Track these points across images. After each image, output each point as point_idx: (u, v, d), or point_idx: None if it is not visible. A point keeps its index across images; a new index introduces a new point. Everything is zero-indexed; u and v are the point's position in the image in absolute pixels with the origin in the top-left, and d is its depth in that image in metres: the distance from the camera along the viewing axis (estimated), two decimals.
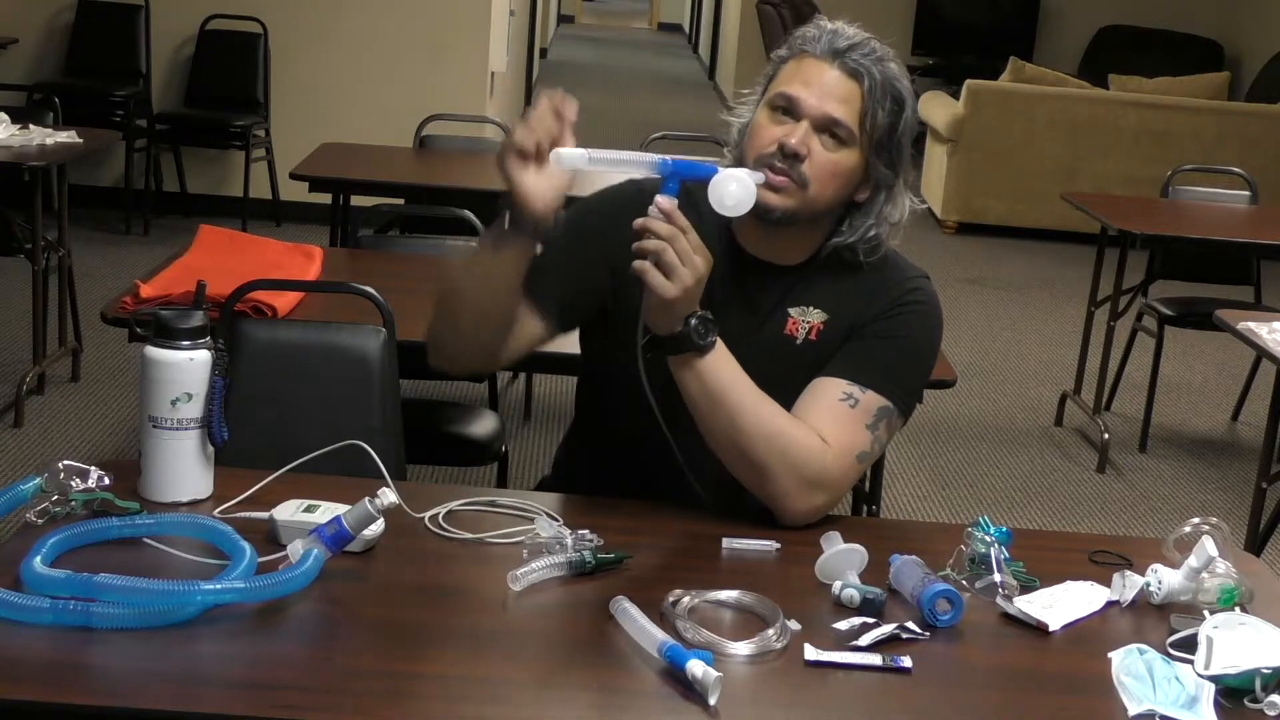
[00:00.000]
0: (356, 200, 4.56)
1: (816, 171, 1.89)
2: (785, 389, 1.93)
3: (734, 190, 1.78)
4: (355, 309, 2.60)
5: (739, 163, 1.95)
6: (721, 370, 1.86)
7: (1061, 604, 1.72)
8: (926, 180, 8.76)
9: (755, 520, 1.92)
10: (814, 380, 1.95)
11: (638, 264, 1.78)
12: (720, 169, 1.83)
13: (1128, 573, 1.78)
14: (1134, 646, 1.61)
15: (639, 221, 1.78)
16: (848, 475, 1.92)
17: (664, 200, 1.77)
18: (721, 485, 1.99)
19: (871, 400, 1.92)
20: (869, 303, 1.99)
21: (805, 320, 1.99)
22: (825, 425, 1.90)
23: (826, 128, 1.89)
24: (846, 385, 1.93)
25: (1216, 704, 1.52)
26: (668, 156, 1.80)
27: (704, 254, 1.80)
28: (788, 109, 1.90)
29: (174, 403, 1.78)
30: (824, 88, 1.90)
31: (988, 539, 1.76)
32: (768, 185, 1.87)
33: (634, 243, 1.78)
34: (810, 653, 1.57)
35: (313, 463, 1.87)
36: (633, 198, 1.93)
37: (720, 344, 1.86)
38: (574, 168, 1.76)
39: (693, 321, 1.83)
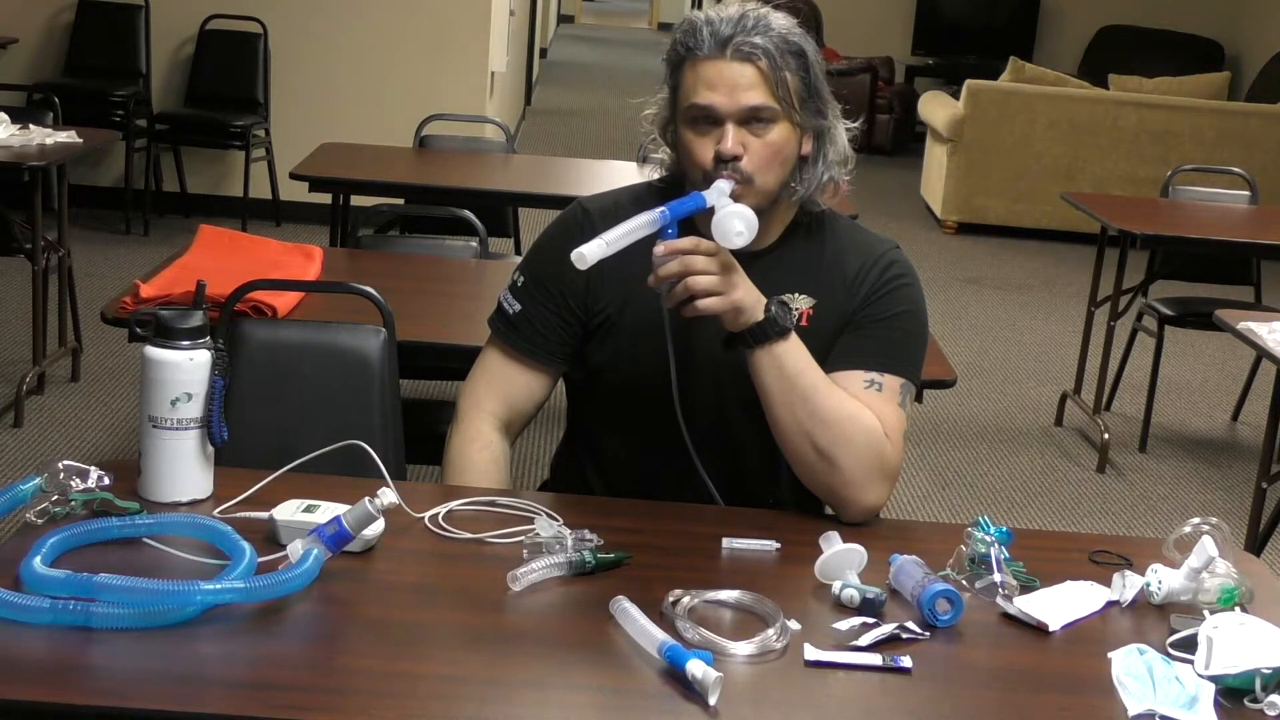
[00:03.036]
0: (356, 200, 4.56)
1: (756, 163, 1.93)
2: None
3: (738, 226, 1.85)
4: (355, 309, 2.60)
5: (678, 175, 2.03)
6: (799, 355, 1.92)
7: (1061, 604, 1.72)
8: (926, 180, 8.76)
9: (757, 519, 1.92)
10: (830, 375, 1.97)
11: (688, 310, 1.86)
12: (704, 196, 1.89)
13: (1128, 573, 1.78)
14: (1134, 646, 1.61)
15: (651, 280, 1.86)
16: (900, 456, 1.98)
17: (659, 248, 1.85)
18: (732, 490, 2.02)
19: (892, 381, 1.98)
20: (854, 288, 2.03)
21: (794, 308, 2.01)
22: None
23: (749, 118, 1.93)
24: (865, 374, 1.97)
25: (1216, 704, 1.52)
26: (661, 208, 1.86)
27: (720, 250, 1.85)
28: (706, 117, 1.94)
29: (174, 403, 1.78)
30: (728, 84, 1.92)
31: (988, 539, 1.76)
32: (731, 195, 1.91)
33: (659, 291, 1.86)
34: (810, 653, 1.57)
35: (313, 463, 1.87)
36: (575, 218, 2.04)
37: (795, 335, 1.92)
38: (598, 259, 1.82)
39: (773, 309, 1.89)
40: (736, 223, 1.84)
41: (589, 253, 1.80)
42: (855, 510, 1.94)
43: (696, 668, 1.46)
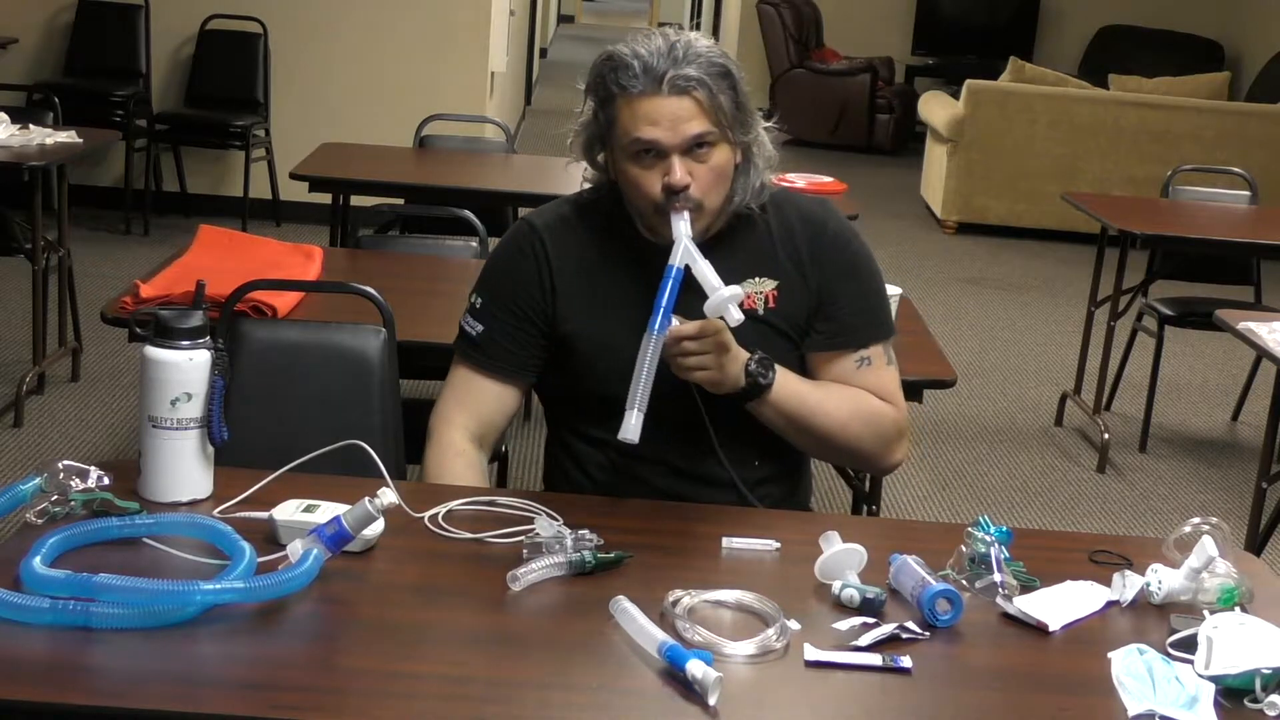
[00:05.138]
0: (356, 200, 4.56)
1: (704, 188, 1.99)
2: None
3: (735, 314, 1.91)
4: (355, 309, 2.60)
5: (607, 185, 2.09)
6: (790, 394, 2.02)
7: (1061, 604, 1.72)
8: (926, 180, 8.76)
9: (757, 519, 1.93)
10: (821, 367, 2.09)
11: (693, 381, 1.96)
12: (673, 267, 1.92)
13: (1128, 573, 1.78)
14: (1134, 646, 1.61)
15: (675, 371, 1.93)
16: (906, 411, 2.15)
17: (668, 337, 1.90)
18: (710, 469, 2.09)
19: (876, 349, 2.11)
20: (811, 263, 2.10)
21: (760, 291, 2.08)
22: (867, 386, 2.09)
23: (693, 146, 1.97)
24: (852, 355, 2.10)
25: (1216, 704, 1.51)
26: (658, 321, 1.89)
27: (710, 328, 1.92)
28: (649, 151, 1.98)
29: (174, 403, 1.78)
30: (669, 118, 1.96)
31: (988, 539, 1.76)
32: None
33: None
34: (810, 653, 1.57)
35: (313, 463, 1.87)
36: (524, 236, 2.12)
37: (779, 370, 2.01)
38: (640, 426, 1.86)
39: (751, 367, 1.97)
40: (733, 309, 1.90)
41: (632, 430, 1.85)
42: (883, 472, 2.19)
43: (696, 668, 1.46)
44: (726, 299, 1.90)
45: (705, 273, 1.92)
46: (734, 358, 1.96)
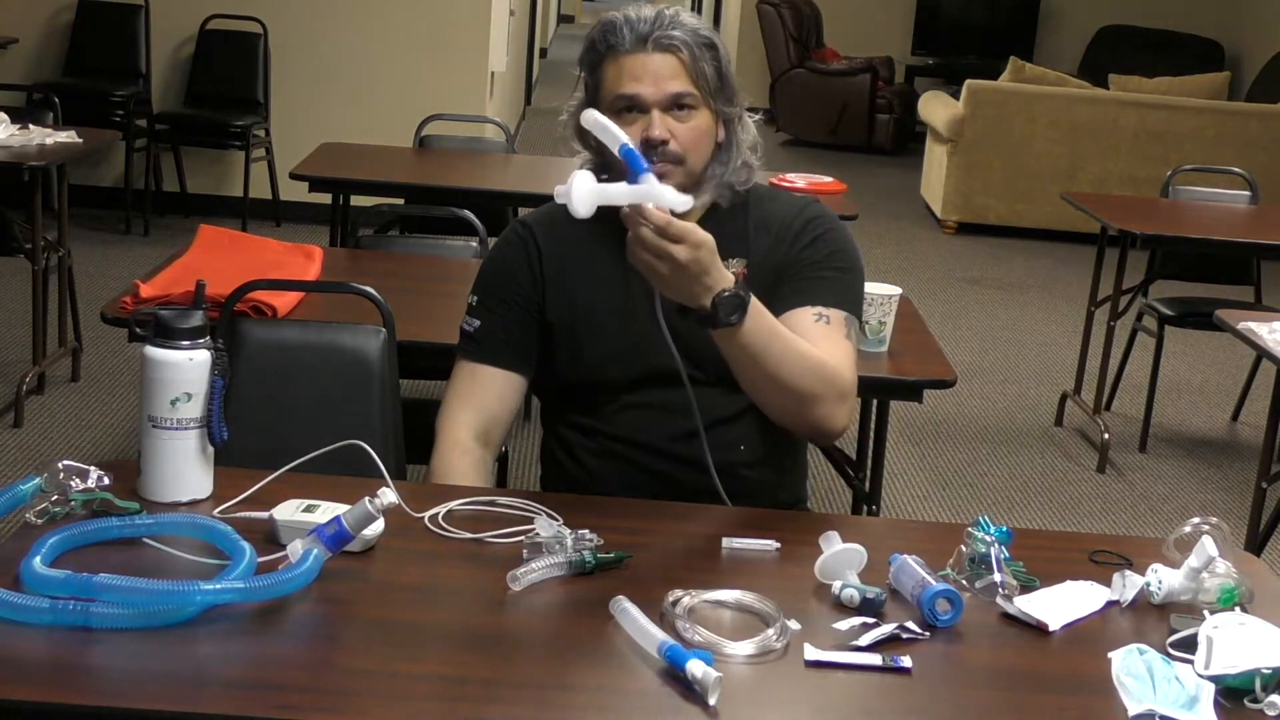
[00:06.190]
0: (356, 200, 4.56)
1: (686, 143, 2.03)
2: None
3: (561, 189, 1.77)
4: (355, 309, 2.60)
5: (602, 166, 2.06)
6: (757, 334, 1.94)
7: (1061, 604, 1.72)
8: (926, 180, 8.76)
9: (757, 519, 1.93)
10: (781, 316, 2.05)
11: (639, 270, 1.87)
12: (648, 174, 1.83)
13: (1128, 573, 1.78)
14: (1134, 646, 1.61)
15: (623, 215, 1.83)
16: (855, 380, 2.09)
17: (629, 213, 1.81)
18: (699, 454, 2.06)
19: (837, 314, 2.09)
20: (782, 242, 2.13)
21: (730, 272, 2.05)
22: (821, 346, 2.04)
23: (674, 104, 2.03)
24: (812, 309, 2.08)
25: (1216, 704, 1.51)
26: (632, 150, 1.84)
27: (680, 234, 1.80)
28: (631, 107, 2.03)
29: (174, 403, 1.78)
30: (652, 74, 2.03)
31: (988, 539, 1.76)
32: (656, 175, 1.88)
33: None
34: (810, 653, 1.57)
35: (313, 463, 1.87)
36: (516, 231, 2.17)
37: (754, 307, 1.91)
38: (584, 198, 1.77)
39: (724, 294, 1.87)
40: (666, 192, 1.78)
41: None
42: (833, 432, 2.08)
43: (696, 668, 1.46)
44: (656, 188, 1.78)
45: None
46: (695, 277, 1.83)
